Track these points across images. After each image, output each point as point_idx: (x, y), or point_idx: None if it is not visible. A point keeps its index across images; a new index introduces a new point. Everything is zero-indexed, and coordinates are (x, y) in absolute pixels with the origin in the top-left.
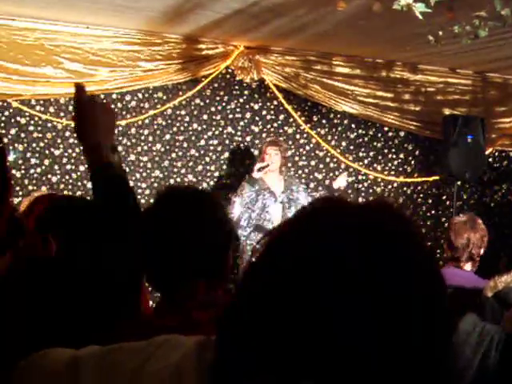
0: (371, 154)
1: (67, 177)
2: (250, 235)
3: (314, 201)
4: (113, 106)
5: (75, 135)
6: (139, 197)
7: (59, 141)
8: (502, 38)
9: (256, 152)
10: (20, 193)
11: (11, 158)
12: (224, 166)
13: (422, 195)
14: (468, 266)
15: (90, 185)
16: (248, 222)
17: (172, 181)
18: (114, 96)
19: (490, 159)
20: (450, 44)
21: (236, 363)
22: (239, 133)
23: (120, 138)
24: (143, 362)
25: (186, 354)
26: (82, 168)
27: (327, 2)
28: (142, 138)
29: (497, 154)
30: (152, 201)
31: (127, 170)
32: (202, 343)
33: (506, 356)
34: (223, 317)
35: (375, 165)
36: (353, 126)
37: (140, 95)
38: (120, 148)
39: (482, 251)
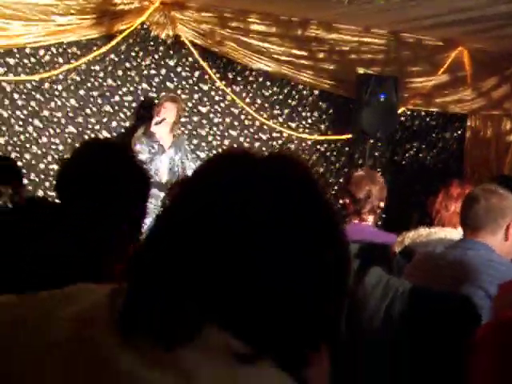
0: (286, 111)
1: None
2: None
3: (220, 152)
4: (26, 61)
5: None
6: (53, 153)
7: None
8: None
9: None
10: None
11: None
12: (138, 122)
13: (335, 153)
14: (370, 219)
15: (2, 141)
16: None
17: (86, 137)
18: (28, 51)
19: (403, 118)
20: (365, 4)
21: (145, 304)
22: (154, 89)
23: (33, 93)
24: (53, 309)
25: (98, 299)
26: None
27: None
28: (56, 93)
29: (409, 113)
30: (68, 156)
31: (41, 125)
32: (114, 290)
33: (409, 307)
34: (133, 260)
35: (290, 122)
36: (268, 83)
37: (54, 50)
38: (33, 103)
39: (382, 204)
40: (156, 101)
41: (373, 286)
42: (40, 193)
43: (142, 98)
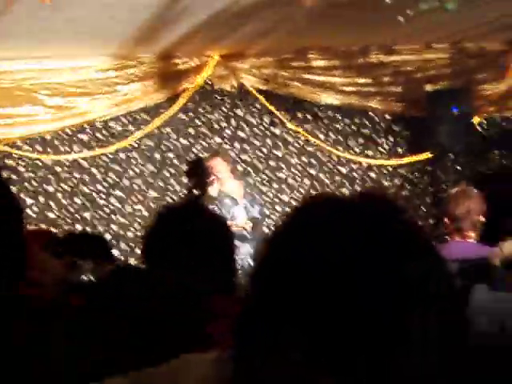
0: (361, 141)
1: (64, 211)
2: None
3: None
4: (98, 135)
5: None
6: (139, 220)
7: (51, 177)
8: (471, 7)
9: (245, 157)
10: None
11: None
12: None
13: (417, 174)
14: (473, 235)
15: (88, 216)
16: None
17: (168, 199)
18: (98, 125)
19: (479, 128)
20: (421, 21)
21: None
22: (227, 141)
23: (111, 165)
24: None
25: (205, 372)
26: (77, 200)
27: (291, 1)
28: (133, 161)
29: (485, 121)
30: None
31: (123, 195)
32: (218, 359)
33: None
34: (238, 325)
35: (366, 151)
36: (338, 116)
37: (123, 119)
38: (111, 174)
39: (482, 218)
40: (231, 152)
41: (480, 303)
42: (131, 261)
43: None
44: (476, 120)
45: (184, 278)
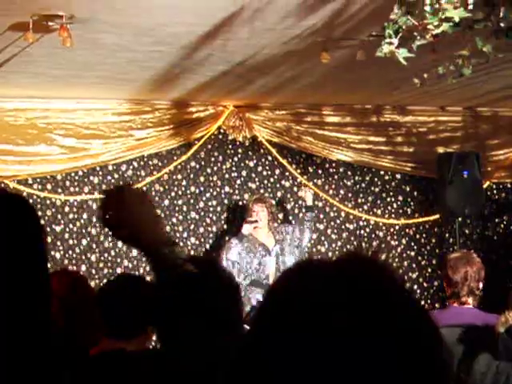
0: (370, 199)
1: (70, 252)
2: (247, 289)
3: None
4: (109, 178)
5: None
6: (143, 263)
7: (59, 217)
8: (486, 72)
9: None
10: None
11: None
12: (225, 226)
13: (424, 235)
14: (470, 301)
15: (93, 258)
16: (245, 277)
17: None
18: (110, 168)
19: (488, 192)
20: (437, 84)
21: None
22: (237, 191)
23: None
24: None
25: None
26: (84, 242)
27: (310, 56)
28: None
29: (494, 186)
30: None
31: None
32: None
33: None
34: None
35: (375, 209)
36: (349, 173)
37: (135, 164)
38: None
39: (480, 285)
40: (240, 202)
41: (482, 373)
42: None
43: (226, 202)
44: (486, 184)
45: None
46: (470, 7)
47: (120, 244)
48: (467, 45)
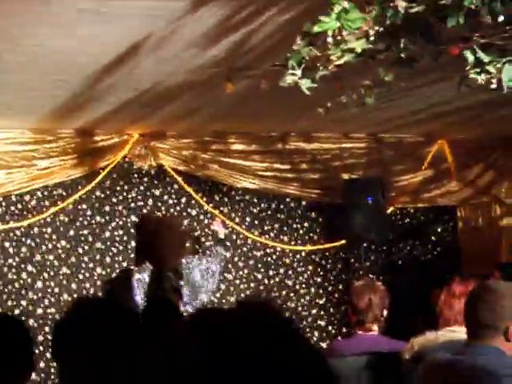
0: (276, 226)
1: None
2: None
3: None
4: (12, 208)
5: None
6: (49, 296)
7: None
8: (388, 99)
9: None
10: None
11: None
12: (132, 255)
13: (330, 261)
14: (375, 327)
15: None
16: None
17: (81, 276)
18: (14, 198)
19: (393, 218)
20: (340, 112)
21: None
22: None
23: (23, 239)
24: None
25: None
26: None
27: (214, 85)
28: (46, 236)
29: (398, 212)
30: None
31: (34, 270)
32: None
33: None
34: None
35: (281, 236)
36: (255, 200)
37: (39, 194)
38: (24, 249)
39: (385, 312)
40: None
41: None
42: (40, 338)
43: (132, 231)
44: (390, 210)
45: None
46: (372, 38)
47: (25, 276)
48: (370, 73)
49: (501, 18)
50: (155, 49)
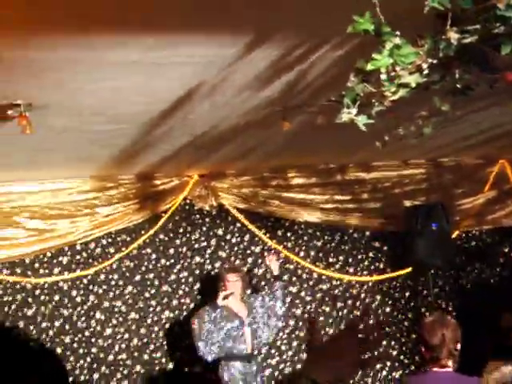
0: (341, 257)
1: (44, 335)
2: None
3: None
4: (78, 257)
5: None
6: (119, 342)
7: (30, 300)
8: (444, 126)
9: None
10: None
11: None
12: (198, 297)
13: (398, 290)
14: (450, 363)
15: (68, 339)
16: (218, 348)
17: (149, 320)
18: (79, 247)
19: (459, 242)
20: (398, 143)
21: None
22: (208, 261)
23: (90, 287)
24: None
25: None
26: (57, 324)
27: (270, 124)
28: (113, 283)
29: (464, 235)
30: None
31: (102, 317)
32: None
33: None
34: None
35: (347, 268)
36: (318, 233)
37: (104, 241)
38: (91, 297)
39: (458, 346)
40: (212, 272)
41: None
42: None
43: (197, 272)
44: (455, 234)
45: None
46: (426, 72)
47: (94, 323)
48: (425, 104)
49: None
50: (208, 95)
